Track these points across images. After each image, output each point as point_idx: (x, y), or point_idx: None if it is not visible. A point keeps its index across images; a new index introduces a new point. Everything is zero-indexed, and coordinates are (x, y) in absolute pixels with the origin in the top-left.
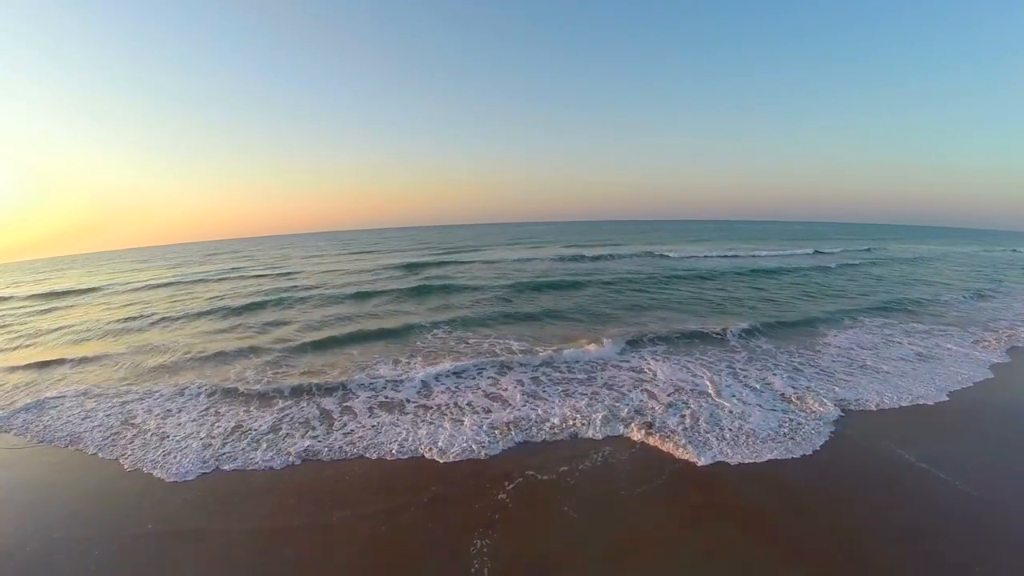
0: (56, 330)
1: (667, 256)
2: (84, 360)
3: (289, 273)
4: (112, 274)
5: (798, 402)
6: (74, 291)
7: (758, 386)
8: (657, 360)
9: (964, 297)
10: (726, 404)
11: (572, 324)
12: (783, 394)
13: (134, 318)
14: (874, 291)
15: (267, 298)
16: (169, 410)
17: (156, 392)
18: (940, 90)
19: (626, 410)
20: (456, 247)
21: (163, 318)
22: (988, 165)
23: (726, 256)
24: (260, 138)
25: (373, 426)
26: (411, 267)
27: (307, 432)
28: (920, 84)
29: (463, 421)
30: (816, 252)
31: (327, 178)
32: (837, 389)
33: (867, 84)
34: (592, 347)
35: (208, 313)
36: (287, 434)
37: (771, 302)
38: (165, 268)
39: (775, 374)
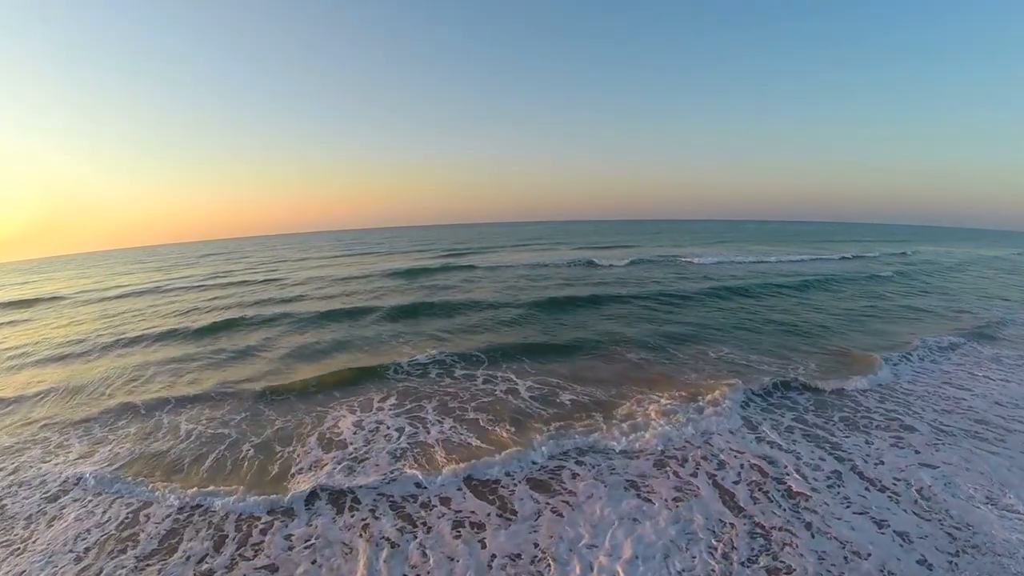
0: None
1: (691, 262)
2: (2, 402)
3: (277, 280)
4: (95, 278)
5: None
6: (43, 299)
7: (884, 477)
8: (726, 433)
9: None
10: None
11: (602, 362)
12: (922, 491)
13: (87, 339)
14: (942, 304)
15: (240, 315)
16: (64, 488)
17: (62, 458)
18: (944, 91)
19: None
20: (459, 249)
21: (118, 339)
22: (996, 165)
23: (758, 262)
24: (262, 137)
25: (303, 556)
26: (410, 274)
27: (202, 564)
28: (922, 85)
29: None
30: (856, 257)
31: (331, 177)
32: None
33: (870, 86)
34: (640, 416)
35: (169, 335)
36: (177, 565)
37: (849, 323)
38: (154, 271)
39: (872, 442)
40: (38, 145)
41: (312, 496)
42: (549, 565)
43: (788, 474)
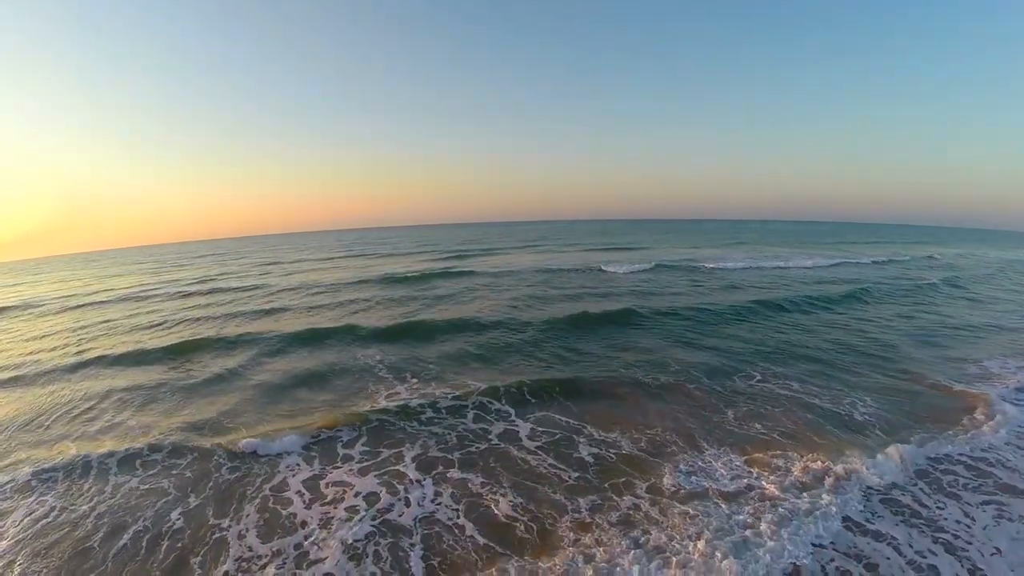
0: None
1: (714, 268)
2: None
3: (265, 286)
4: (84, 280)
5: None
6: (17, 306)
7: None
8: (794, 512)
9: None
10: None
11: (624, 402)
12: None
13: (42, 359)
14: (1003, 318)
15: (212, 333)
16: None
17: None
18: (945, 90)
19: None
20: (461, 250)
21: (76, 360)
22: (997, 164)
23: (786, 267)
24: (269, 136)
25: None
26: (407, 281)
27: None
28: (922, 83)
29: None
30: (889, 261)
31: (334, 177)
32: None
33: (869, 85)
34: (688, 484)
35: (130, 357)
36: None
37: (919, 343)
38: (144, 273)
39: (971, 515)
40: (49, 142)
41: None
42: None
43: None
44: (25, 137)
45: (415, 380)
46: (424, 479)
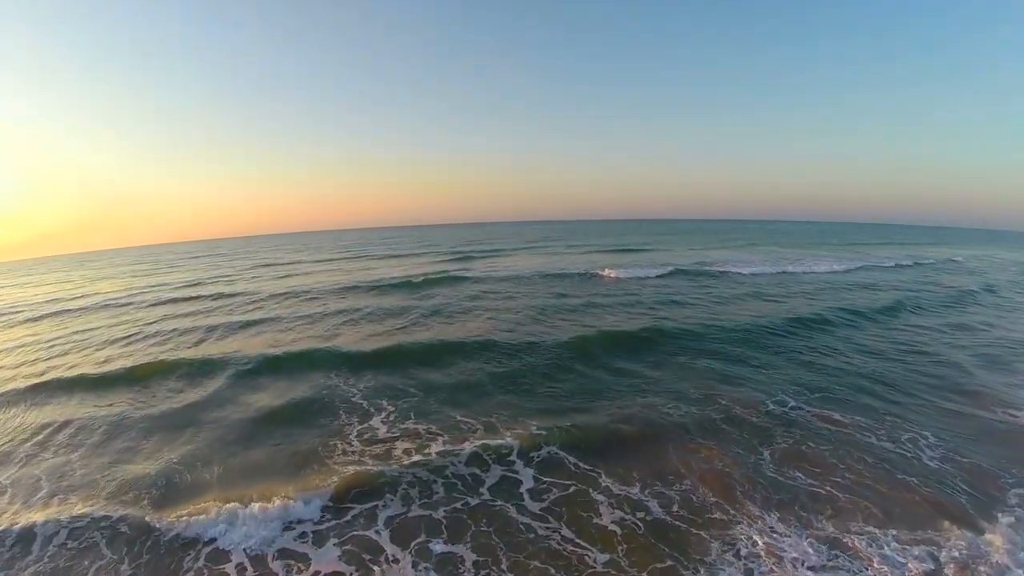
0: None
1: (734, 273)
2: None
3: (251, 293)
4: (76, 282)
5: None
6: None
7: None
8: None
9: None
10: None
11: (651, 446)
12: None
13: None
14: None
15: (175, 355)
16: None
17: None
18: (945, 90)
19: None
20: (465, 252)
21: (28, 385)
22: (997, 164)
23: (813, 272)
24: (269, 136)
25: None
26: (404, 287)
27: None
28: (922, 83)
29: None
30: (915, 264)
31: (337, 176)
32: None
33: (868, 84)
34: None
35: (78, 384)
36: None
37: (995, 366)
38: (131, 276)
39: None
40: (48, 143)
41: None
42: None
43: None
44: (25, 137)
45: (396, 413)
46: (401, 555)
